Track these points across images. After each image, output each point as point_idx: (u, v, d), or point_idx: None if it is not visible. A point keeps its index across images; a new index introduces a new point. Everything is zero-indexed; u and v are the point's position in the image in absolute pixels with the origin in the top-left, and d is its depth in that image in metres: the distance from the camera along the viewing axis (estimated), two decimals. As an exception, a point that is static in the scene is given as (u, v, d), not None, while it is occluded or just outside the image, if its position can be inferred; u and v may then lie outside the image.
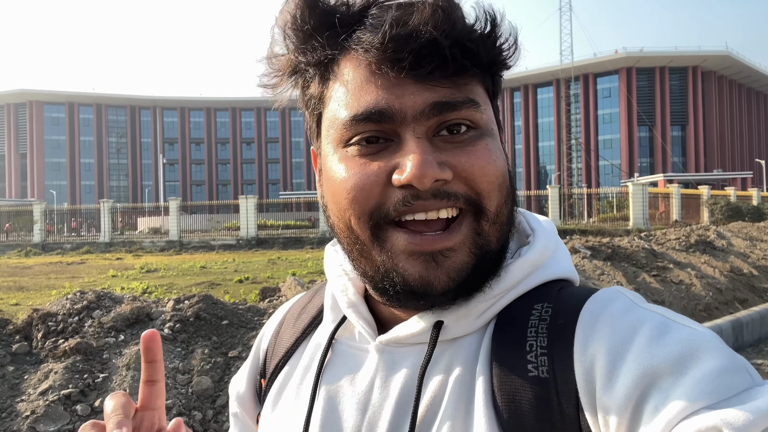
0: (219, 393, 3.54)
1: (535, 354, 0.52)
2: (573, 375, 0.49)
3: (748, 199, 30.18)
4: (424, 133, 0.54)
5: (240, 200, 28.15)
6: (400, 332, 0.58)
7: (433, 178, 0.52)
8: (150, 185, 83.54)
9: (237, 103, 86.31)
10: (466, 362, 0.56)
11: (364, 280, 0.59)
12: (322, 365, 0.63)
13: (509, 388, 0.51)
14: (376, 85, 0.53)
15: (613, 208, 30.83)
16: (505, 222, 0.57)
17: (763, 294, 7.91)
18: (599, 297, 0.55)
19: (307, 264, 15.10)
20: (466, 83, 0.54)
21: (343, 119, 0.55)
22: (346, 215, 0.56)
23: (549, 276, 0.59)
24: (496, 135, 0.58)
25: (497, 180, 0.55)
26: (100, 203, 29.98)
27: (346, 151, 0.56)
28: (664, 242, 9.62)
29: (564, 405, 0.49)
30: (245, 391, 0.74)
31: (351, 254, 0.58)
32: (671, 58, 65.33)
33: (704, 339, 0.47)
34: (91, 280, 12.50)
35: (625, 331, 0.49)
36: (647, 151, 68.02)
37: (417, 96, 0.52)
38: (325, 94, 0.58)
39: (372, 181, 0.54)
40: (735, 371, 0.44)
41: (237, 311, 4.56)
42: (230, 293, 8.90)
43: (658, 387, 0.45)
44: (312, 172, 27.03)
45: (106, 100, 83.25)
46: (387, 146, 0.54)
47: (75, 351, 3.58)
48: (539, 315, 0.55)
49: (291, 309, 0.76)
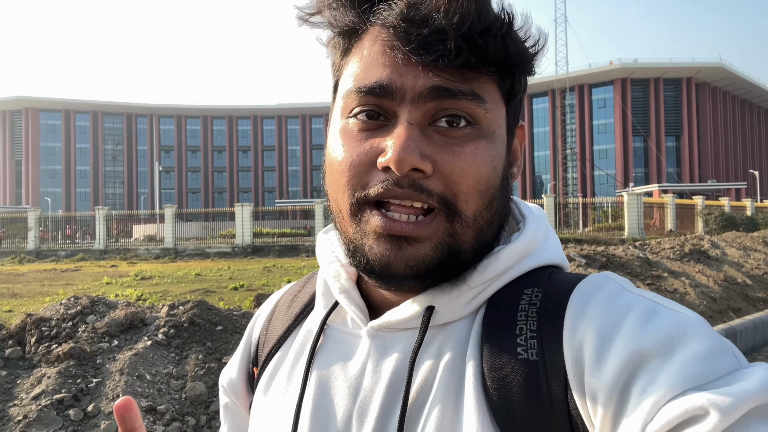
0: (213, 399, 3.53)
1: (525, 337, 0.53)
2: (562, 357, 0.50)
3: (742, 210, 30.33)
4: (419, 119, 0.54)
5: (236, 208, 28.12)
6: (391, 317, 0.59)
7: (411, 166, 0.52)
8: (146, 193, 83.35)
9: (233, 111, 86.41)
10: (456, 346, 0.56)
11: (344, 251, 0.61)
12: (314, 350, 0.63)
13: (499, 370, 0.52)
14: (384, 62, 0.54)
15: (608, 218, 30.92)
16: (484, 226, 0.57)
17: (756, 303, 7.94)
18: (589, 282, 0.55)
19: (302, 272, 15.07)
20: (474, 78, 0.54)
21: (350, 89, 0.56)
22: (334, 186, 0.58)
23: (539, 262, 0.60)
24: (498, 138, 0.57)
25: (477, 185, 0.54)
26: (95, 210, 29.89)
27: (347, 122, 0.57)
28: (659, 251, 9.65)
29: (553, 386, 0.50)
30: (237, 379, 0.74)
31: (335, 224, 0.61)
32: (665, 69, 65.87)
33: (691, 322, 0.48)
34: (85, 287, 12.44)
35: (614, 315, 0.50)
36: (642, 161, 68.38)
37: (420, 79, 0.53)
38: (344, 63, 0.59)
39: (360, 160, 0.55)
40: (721, 354, 0.45)
41: (232, 317, 4.55)
42: (225, 300, 8.87)
43: (646, 369, 0.45)
44: (307, 181, 26.98)
45: (103, 108, 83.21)
46: (384, 125, 0.55)
47: (68, 356, 3.56)
48: (529, 299, 0.55)
49: (282, 297, 0.76)
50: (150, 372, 3.58)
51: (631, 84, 67.06)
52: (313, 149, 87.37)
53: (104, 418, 3.11)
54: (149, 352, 3.76)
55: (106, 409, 3.17)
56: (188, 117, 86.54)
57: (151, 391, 3.42)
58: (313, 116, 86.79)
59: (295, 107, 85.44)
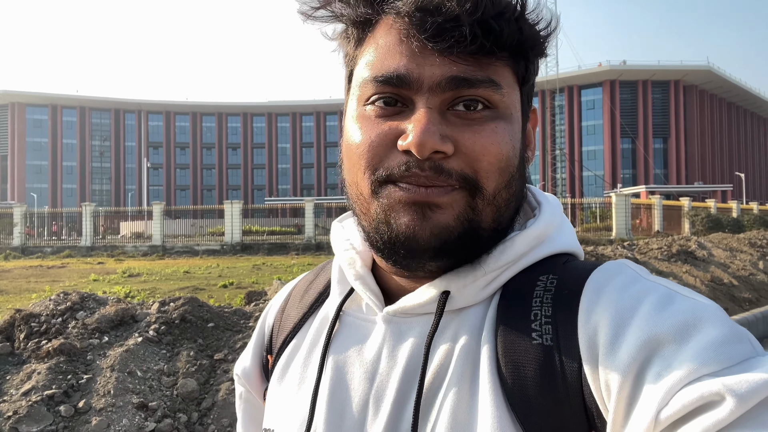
0: (204, 395, 3.52)
1: (540, 322, 0.53)
2: (576, 342, 0.50)
3: (728, 212, 30.70)
4: (437, 105, 0.54)
5: (225, 205, 27.97)
6: (407, 303, 0.59)
7: (432, 149, 0.52)
8: (133, 189, 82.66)
9: (223, 107, 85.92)
10: (471, 331, 0.56)
11: (364, 238, 0.60)
12: (330, 336, 0.64)
13: (513, 355, 0.52)
14: (401, 51, 0.54)
15: (596, 218, 31.17)
16: (503, 205, 0.57)
17: (742, 303, 8.05)
18: (605, 269, 0.55)
19: (292, 270, 15.04)
20: (490, 63, 0.54)
21: (366, 78, 0.56)
22: (354, 169, 0.58)
23: (554, 249, 0.60)
24: (515, 120, 0.58)
25: (498, 162, 0.55)
26: (82, 207, 29.58)
27: (364, 109, 0.57)
28: (647, 252, 9.76)
29: (567, 372, 0.50)
30: (251, 367, 0.75)
31: (355, 210, 0.60)
32: (654, 71, 66.46)
33: (707, 309, 0.48)
34: (72, 284, 12.33)
35: (630, 301, 0.50)
36: (630, 162, 68.95)
37: (437, 68, 0.53)
38: (358, 53, 0.59)
39: (380, 141, 0.55)
40: (737, 341, 0.45)
41: (223, 314, 4.53)
42: (214, 298, 8.83)
43: (661, 354, 0.45)
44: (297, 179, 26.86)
45: (90, 103, 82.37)
46: (402, 110, 0.55)
47: (58, 352, 3.53)
48: (544, 286, 0.56)
49: (297, 285, 0.77)
50: (141, 368, 3.56)
51: (619, 86, 67.60)
52: (303, 147, 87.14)
53: (95, 414, 3.10)
54: (140, 349, 3.74)
55: (97, 405, 3.15)
56: (177, 113, 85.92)
57: (143, 388, 3.40)
58: (304, 114, 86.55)
59: (286, 104, 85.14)
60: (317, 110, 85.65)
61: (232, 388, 3.53)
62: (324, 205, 35.54)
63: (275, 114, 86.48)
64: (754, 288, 8.81)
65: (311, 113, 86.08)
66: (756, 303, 8.18)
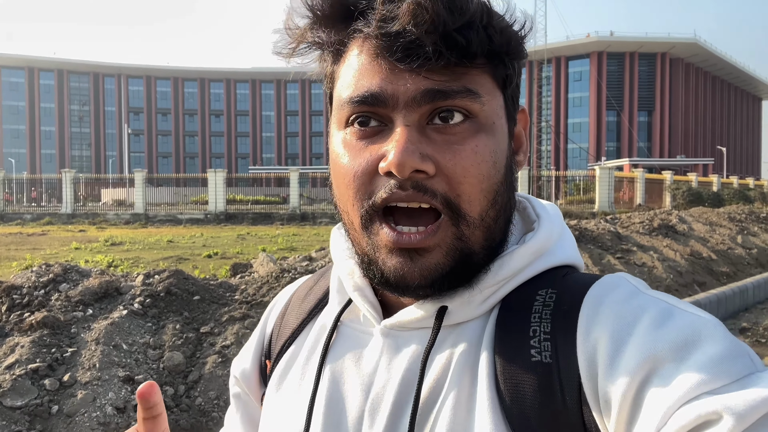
0: (191, 369, 3.53)
1: (539, 339, 0.52)
2: (576, 360, 0.50)
3: (709, 185, 31.15)
4: (416, 121, 0.54)
5: (209, 174, 27.65)
6: (404, 316, 0.59)
7: (412, 168, 0.52)
8: (114, 156, 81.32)
9: (205, 73, 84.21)
10: (469, 347, 0.56)
11: (357, 263, 0.61)
12: (328, 346, 0.64)
13: (512, 372, 0.52)
14: (374, 71, 0.54)
15: (580, 191, 31.43)
16: (492, 224, 0.56)
17: (720, 277, 8.23)
18: (603, 283, 0.55)
19: (277, 240, 15.01)
20: (465, 72, 0.54)
21: (343, 99, 0.56)
22: (343, 198, 0.58)
23: (554, 262, 0.60)
24: (498, 130, 0.57)
25: (479, 184, 0.54)
26: (61, 173, 29.01)
27: (345, 133, 0.57)
28: (629, 225, 9.88)
29: (566, 390, 0.49)
30: (250, 371, 0.75)
31: (349, 235, 0.61)
32: (641, 43, 66.30)
33: (706, 325, 0.47)
34: (53, 252, 12.19)
35: (628, 317, 0.50)
36: (614, 135, 69.31)
37: (411, 84, 0.53)
38: (335, 73, 0.60)
39: (363, 169, 0.55)
40: (736, 357, 0.45)
41: (209, 287, 4.52)
42: (199, 268, 8.80)
43: (660, 373, 0.45)
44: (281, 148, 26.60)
45: (68, 66, 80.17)
46: (381, 130, 0.55)
47: (42, 325, 3.50)
48: (543, 301, 0.55)
49: (297, 291, 0.76)
50: (126, 342, 3.55)
51: (607, 57, 67.44)
52: (288, 115, 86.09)
53: (81, 387, 3.09)
54: (125, 322, 3.72)
55: (82, 378, 3.14)
56: (158, 78, 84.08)
57: (128, 361, 3.40)
58: (289, 82, 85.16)
59: (270, 71, 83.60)
60: (302, 78, 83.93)
61: (219, 361, 3.54)
62: (309, 175, 35.31)
63: (259, 81, 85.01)
64: (732, 262, 9.00)
65: (296, 81, 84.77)
66: (733, 277, 8.36)
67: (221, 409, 3.27)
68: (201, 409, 3.25)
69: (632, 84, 67.64)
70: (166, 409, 0.42)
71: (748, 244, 10.13)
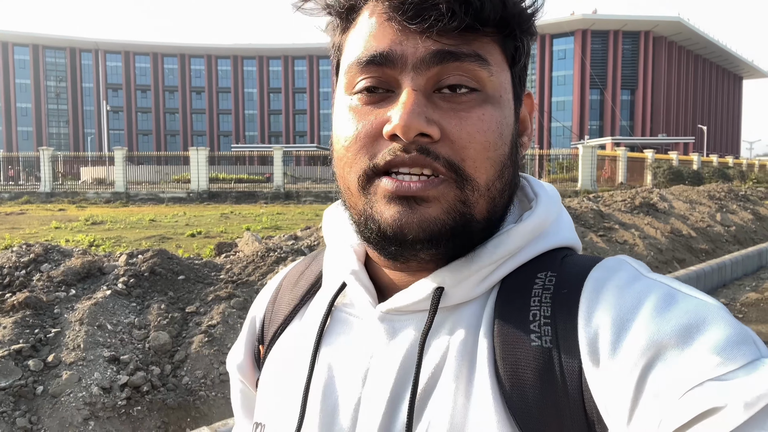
0: (177, 348, 3.52)
1: (539, 323, 0.52)
2: (577, 345, 0.49)
3: (689, 164, 31.55)
4: (423, 86, 0.53)
5: (191, 152, 27.29)
6: (400, 300, 0.58)
7: (418, 131, 0.51)
8: (93, 133, 79.72)
9: (186, 49, 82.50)
10: (468, 330, 0.55)
11: (355, 230, 0.59)
12: (322, 332, 0.62)
13: (512, 357, 0.51)
14: (384, 33, 0.53)
15: (563, 170, 31.65)
16: (497, 195, 0.56)
17: (699, 254, 8.39)
18: (604, 266, 0.54)
19: (261, 219, 14.93)
20: (475, 39, 0.53)
21: (351, 63, 0.55)
22: (341, 163, 0.57)
23: (552, 244, 0.59)
24: (505, 104, 0.56)
25: (486, 151, 0.53)
26: (39, 151, 28.42)
27: (351, 99, 0.56)
28: (611, 204, 9.99)
29: (567, 375, 0.48)
30: (244, 359, 0.73)
31: (344, 202, 0.60)
32: (625, 21, 66.30)
33: (710, 309, 0.46)
34: (33, 232, 12.00)
35: (631, 301, 0.49)
36: (598, 114, 69.64)
37: (420, 44, 0.52)
38: (343, 42, 0.59)
39: (366, 131, 0.54)
40: (741, 342, 0.44)
41: (193, 266, 4.49)
42: (183, 247, 8.74)
43: (664, 358, 0.44)
44: (264, 126, 26.27)
45: (44, 41, 77.98)
46: (388, 97, 0.54)
47: (24, 305, 3.46)
48: (543, 284, 0.54)
49: (288, 275, 0.75)
50: (111, 322, 3.52)
51: (591, 36, 67.37)
52: (271, 93, 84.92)
53: (65, 368, 3.07)
54: (109, 302, 3.69)
55: (67, 359, 3.12)
56: (137, 54, 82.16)
57: (114, 341, 3.38)
58: (271, 58, 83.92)
59: (252, 48, 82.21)
60: (285, 54, 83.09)
61: (205, 340, 3.54)
62: (293, 153, 35.01)
63: (241, 57, 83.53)
64: (711, 239, 9.17)
65: (278, 57, 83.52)
66: (712, 254, 8.53)
67: (208, 388, 3.28)
68: (188, 388, 3.25)
69: (615, 62, 67.80)
70: (153, 388, 0.40)
71: (727, 221, 10.32)
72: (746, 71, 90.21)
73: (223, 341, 3.56)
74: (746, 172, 32.44)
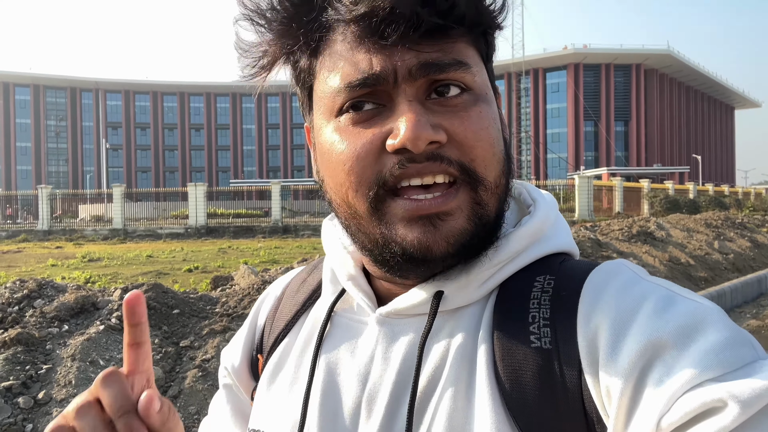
0: (170, 383, 3.46)
1: (538, 325, 0.52)
2: (576, 346, 0.49)
3: (685, 193, 31.70)
4: (416, 96, 0.52)
5: (189, 188, 27.38)
6: (400, 303, 0.58)
7: (428, 140, 0.51)
8: (92, 171, 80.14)
9: (185, 87, 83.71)
10: (467, 333, 0.55)
11: (364, 254, 0.58)
12: (322, 337, 0.62)
13: (511, 359, 0.51)
14: (365, 51, 0.52)
15: (560, 200, 31.76)
16: (503, 193, 0.56)
17: (698, 282, 8.35)
18: (603, 269, 0.54)
19: (259, 253, 14.88)
20: (453, 44, 0.53)
21: (337, 87, 0.54)
22: (343, 188, 0.55)
23: (551, 248, 0.59)
24: (492, 101, 0.56)
25: (491, 148, 0.54)
26: (38, 189, 28.49)
27: (338, 121, 0.55)
28: (608, 232, 10.00)
29: (567, 376, 0.49)
30: (240, 365, 0.73)
31: (349, 228, 0.58)
32: (616, 55, 67.61)
33: (709, 312, 0.47)
34: (29, 270, 11.93)
35: (630, 304, 0.49)
36: (592, 145, 70.34)
37: (404, 58, 0.51)
38: (315, 65, 0.57)
39: (367, 149, 0.52)
40: (740, 344, 0.44)
41: (188, 300, 4.46)
42: (179, 282, 8.68)
43: (662, 359, 0.44)
44: (263, 161, 26.42)
45: (45, 81, 79.10)
46: (379, 112, 0.53)
47: (16, 342, 3.41)
48: (541, 287, 0.54)
49: (290, 284, 0.74)
50: (104, 357, 3.47)
51: (583, 69, 68.61)
52: (269, 128, 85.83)
53: (56, 405, 3.01)
54: (102, 337, 3.65)
55: (57, 396, 3.06)
56: (137, 92, 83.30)
57: (106, 377, 3.32)
58: (269, 95, 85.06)
59: (251, 85, 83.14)
60: (282, 91, 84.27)
61: (199, 375, 3.48)
62: (291, 188, 35.18)
63: (240, 94, 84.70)
64: (709, 267, 9.15)
65: (276, 94, 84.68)
66: (711, 282, 8.49)
67: (202, 424, 3.22)
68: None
69: (608, 95, 68.85)
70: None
71: (725, 249, 10.32)
72: (738, 101, 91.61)
73: (217, 376, 3.51)
74: (742, 200, 32.60)
